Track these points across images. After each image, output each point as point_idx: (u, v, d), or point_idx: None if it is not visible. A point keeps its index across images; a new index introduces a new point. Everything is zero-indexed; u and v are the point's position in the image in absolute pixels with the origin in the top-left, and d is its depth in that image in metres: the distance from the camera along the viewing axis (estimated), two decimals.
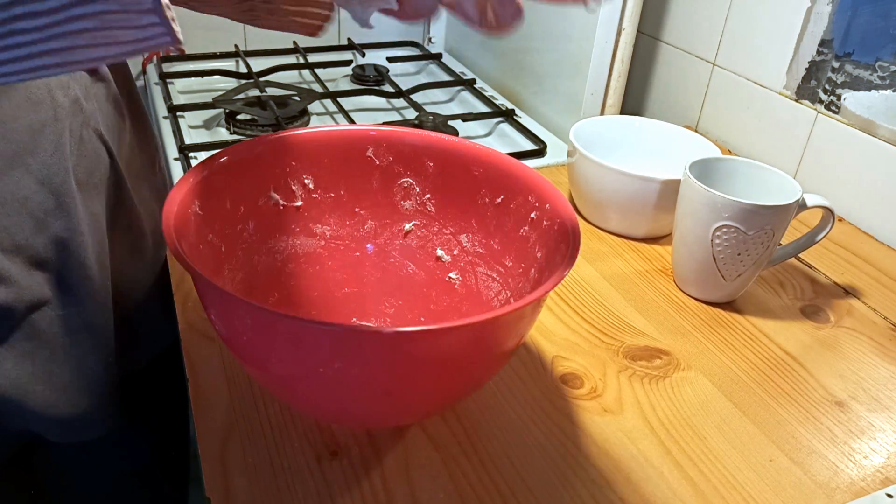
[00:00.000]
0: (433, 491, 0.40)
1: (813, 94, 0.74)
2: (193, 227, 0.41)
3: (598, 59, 0.79)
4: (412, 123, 0.83)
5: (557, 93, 0.87)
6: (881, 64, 0.67)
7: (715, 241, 0.54)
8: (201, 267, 0.34)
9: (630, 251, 0.64)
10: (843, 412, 0.48)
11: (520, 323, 0.38)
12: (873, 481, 0.43)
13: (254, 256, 0.48)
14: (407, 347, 0.34)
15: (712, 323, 0.56)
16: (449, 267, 0.51)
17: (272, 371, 0.37)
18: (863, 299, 0.60)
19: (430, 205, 0.51)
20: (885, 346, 0.54)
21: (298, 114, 0.85)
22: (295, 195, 0.49)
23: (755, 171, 0.58)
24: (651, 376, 0.49)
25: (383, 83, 1.00)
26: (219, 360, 0.48)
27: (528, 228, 0.46)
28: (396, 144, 0.50)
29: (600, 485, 0.41)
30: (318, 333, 0.33)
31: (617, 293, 0.58)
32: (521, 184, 0.46)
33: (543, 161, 0.81)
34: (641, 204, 0.63)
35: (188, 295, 0.54)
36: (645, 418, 0.46)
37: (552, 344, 0.52)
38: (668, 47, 0.92)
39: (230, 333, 0.36)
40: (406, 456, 0.42)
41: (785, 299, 0.59)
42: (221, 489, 0.39)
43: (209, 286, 0.33)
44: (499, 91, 1.00)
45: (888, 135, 0.67)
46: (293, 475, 0.40)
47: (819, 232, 0.58)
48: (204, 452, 0.41)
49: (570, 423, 0.45)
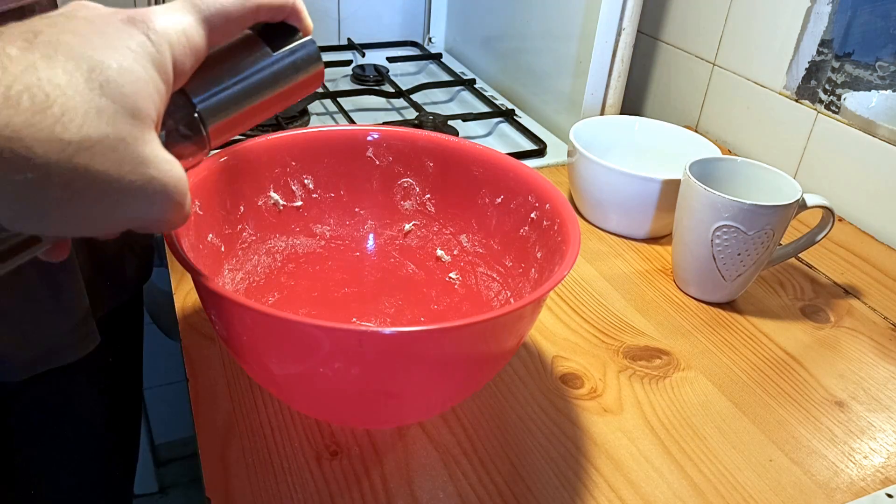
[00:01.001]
0: (433, 491, 0.40)
1: (813, 94, 0.74)
2: (193, 227, 0.41)
3: (598, 59, 0.79)
4: (412, 123, 0.83)
5: (557, 93, 0.87)
6: (881, 64, 0.67)
7: (715, 241, 0.54)
8: (201, 267, 0.34)
9: (630, 251, 0.64)
10: (843, 412, 0.48)
11: (520, 323, 0.38)
12: (873, 481, 0.43)
13: (253, 256, 0.48)
14: (407, 347, 0.34)
15: (712, 323, 0.56)
16: (449, 267, 0.51)
17: (272, 371, 0.37)
18: (863, 299, 0.60)
19: (430, 205, 0.51)
20: (885, 346, 0.54)
21: (298, 114, 0.85)
22: (295, 195, 0.49)
23: (755, 171, 0.58)
24: (651, 376, 0.49)
25: (383, 83, 1.00)
26: (219, 360, 0.48)
27: (528, 228, 0.46)
28: (396, 144, 0.50)
29: (600, 485, 0.41)
30: (318, 333, 0.33)
31: (617, 293, 0.58)
32: (521, 184, 0.46)
33: (543, 161, 0.81)
34: (641, 204, 0.63)
35: (188, 295, 0.54)
36: (645, 418, 0.46)
37: (552, 344, 0.52)
38: (668, 47, 0.92)
39: (230, 333, 0.36)
40: (406, 456, 0.42)
41: (785, 299, 0.59)
42: (221, 489, 0.39)
43: (209, 286, 0.33)
44: (499, 91, 1.00)
45: (888, 135, 0.67)
46: (293, 475, 0.40)
47: (819, 232, 0.58)
48: (204, 452, 0.41)
49: (570, 423, 0.45)
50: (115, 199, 0.24)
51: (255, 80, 0.33)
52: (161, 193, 0.26)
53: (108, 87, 0.23)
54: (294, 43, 0.34)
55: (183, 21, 0.28)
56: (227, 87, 0.32)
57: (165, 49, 0.27)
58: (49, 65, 0.22)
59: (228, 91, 0.32)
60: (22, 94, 0.21)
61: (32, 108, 0.21)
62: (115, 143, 0.23)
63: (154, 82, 0.26)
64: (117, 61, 0.24)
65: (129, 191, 0.24)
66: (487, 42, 1.04)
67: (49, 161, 0.22)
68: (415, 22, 1.17)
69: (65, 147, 0.22)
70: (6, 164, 0.21)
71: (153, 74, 0.26)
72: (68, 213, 0.24)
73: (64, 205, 0.23)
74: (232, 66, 0.32)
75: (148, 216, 0.26)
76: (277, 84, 0.34)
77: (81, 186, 0.23)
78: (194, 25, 0.28)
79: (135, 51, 0.25)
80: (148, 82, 0.25)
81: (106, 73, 0.24)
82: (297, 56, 0.34)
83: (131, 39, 0.25)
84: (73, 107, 0.22)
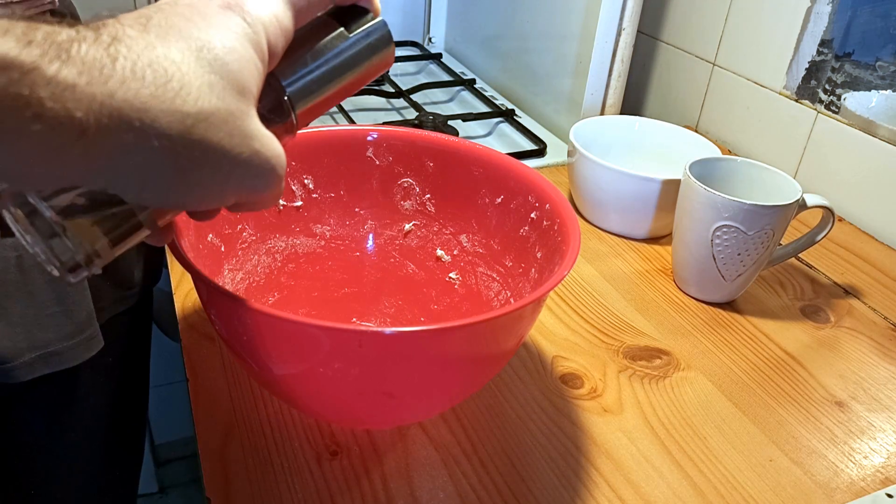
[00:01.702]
0: (433, 491, 0.40)
1: (813, 94, 0.74)
2: (193, 226, 0.41)
3: (598, 59, 0.79)
4: (412, 123, 0.83)
5: (557, 93, 0.87)
6: (881, 64, 0.67)
7: (715, 241, 0.54)
8: (201, 267, 0.34)
9: (630, 251, 0.64)
10: (843, 412, 0.48)
11: (520, 323, 0.38)
12: (873, 481, 0.43)
13: (253, 256, 0.48)
14: (407, 348, 0.34)
15: (712, 323, 0.56)
16: (449, 267, 0.51)
17: (272, 371, 0.37)
18: (863, 299, 0.60)
19: (430, 205, 0.51)
20: (885, 346, 0.54)
21: None
22: (295, 195, 0.49)
23: (755, 171, 0.58)
24: (651, 376, 0.49)
25: (383, 83, 1.00)
26: (219, 360, 0.48)
27: (528, 228, 0.46)
28: (396, 144, 0.50)
29: (600, 485, 0.41)
30: (318, 333, 0.33)
31: (617, 293, 0.58)
32: (521, 184, 0.46)
33: (543, 161, 0.81)
34: (641, 204, 0.63)
35: (188, 295, 0.54)
36: (645, 418, 0.46)
37: (552, 344, 0.52)
38: (668, 47, 0.92)
39: (230, 333, 0.36)
40: (406, 456, 0.42)
41: (785, 299, 0.59)
42: (221, 489, 0.39)
43: (209, 286, 0.33)
44: (499, 91, 1.00)
45: (888, 135, 0.67)
46: (293, 475, 0.40)
47: (819, 232, 0.58)
48: (204, 452, 0.41)
49: (570, 423, 0.45)
50: (227, 171, 0.26)
51: (336, 63, 0.33)
52: (266, 165, 0.27)
53: (215, 64, 0.25)
54: (368, 24, 0.34)
55: (273, 4, 0.29)
56: (311, 70, 0.32)
57: (261, 30, 0.28)
58: (164, 44, 0.24)
59: (313, 74, 0.33)
60: (146, 69, 0.23)
61: (155, 83, 0.23)
62: (226, 116, 0.25)
63: (253, 61, 0.27)
64: (221, 41, 0.26)
65: (239, 162, 0.26)
66: (487, 42, 1.04)
67: (172, 131, 0.23)
68: (415, 22, 1.17)
69: (184, 118, 0.24)
70: (138, 134, 0.23)
71: (252, 54, 0.27)
72: (188, 182, 0.25)
73: (184, 175, 0.25)
74: (314, 49, 0.33)
75: (254, 189, 0.28)
76: (357, 66, 0.34)
77: (199, 156, 0.25)
78: (283, 8, 0.29)
79: (235, 31, 0.27)
80: (249, 61, 0.27)
81: (213, 52, 0.25)
82: (373, 38, 0.34)
83: (231, 21, 0.27)
84: (189, 82, 0.24)
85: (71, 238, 0.26)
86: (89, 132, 0.22)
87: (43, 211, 0.25)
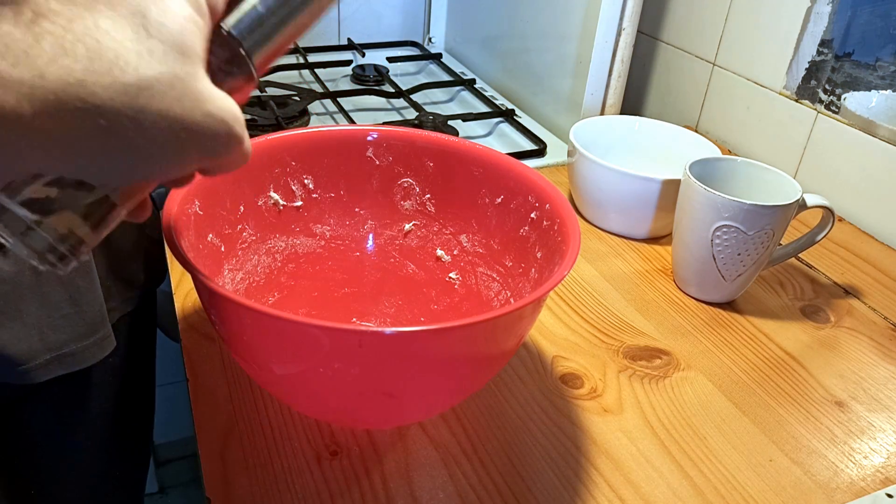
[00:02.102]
0: (433, 491, 0.40)
1: (813, 94, 0.74)
2: (193, 226, 0.41)
3: (598, 59, 0.79)
4: (412, 123, 0.83)
5: (557, 93, 0.87)
6: (881, 64, 0.67)
7: (715, 241, 0.54)
8: (201, 267, 0.34)
9: (630, 251, 0.64)
10: (843, 412, 0.48)
11: (520, 323, 0.38)
12: (873, 481, 0.43)
13: (253, 256, 0.48)
14: (407, 347, 0.34)
15: (712, 323, 0.56)
16: (449, 267, 0.51)
17: (272, 371, 0.37)
18: (863, 299, 0.60)
19: (430, 205, 0.51)
20: (885, 346, 0.54)
21: (298, 114, 0.85)
22: (295, 195, 0.49)
23: (755, 171, 0.58)
24: (651, 376, 0.49)
25: (383, 83, 1.00)
26: (219, 360, 0.48)
27: (528, 228, 0.46)
28: (396, 144, 0.50)
29: (600, 485, 0.41)
30: (318, 333, 0.33)
31: (617, 293, 0.58)
32: (521, 184, 0.46)
33: (543, 161, 0.80)
34: (641, 204, 0.63)
35: (188, 295, 0.54)
36: (645, 418, 0.46)
37: (552, 344, 0.52)
38: (668, 47, 0.92)
39: (230, 333, 0.36)
40: (406, 456, 0.42)
41: (785, 299, 0.59)
42: (221, 489, 0.39)
43: (209, 286, 0.33)
44: (499, 91, 1.00)
45: (888, 135, 0.67)
46: (293, 475, 0.40)
47: (819, 232, 0.58)
48: (204, 452, 0.41)
49: (570, 423, 0.45)
50: (182, 138, 0.25)
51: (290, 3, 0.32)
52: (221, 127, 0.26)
53: (151, 28, 0.24)
54: None
55: None
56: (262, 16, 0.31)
57: None
58: (92, 14, 0.23)
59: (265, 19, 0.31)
60: (75, 43, 0.22)
61: (88, 56, 0.22)
62: (172, 81, 0.24)
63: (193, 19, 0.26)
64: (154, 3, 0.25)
65: (192, 126, 0.25)
66: (487, 42, 1.04)
67: (115, 105, 0.22)
68: (415, 22, 1.17)
69: (126, 89, 0.22)
70: (79, 114, 0.22)
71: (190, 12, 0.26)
72: (145, 156, 0.24)
73: (139, 149, 0.24)
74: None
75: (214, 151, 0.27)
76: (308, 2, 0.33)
77: (150, 126, 0.24)
78: None
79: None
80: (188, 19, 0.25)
81: (147, 16, 0.24)
82: None
83: None
84: (125, 50, 0.23)
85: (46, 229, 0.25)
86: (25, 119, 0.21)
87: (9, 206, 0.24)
